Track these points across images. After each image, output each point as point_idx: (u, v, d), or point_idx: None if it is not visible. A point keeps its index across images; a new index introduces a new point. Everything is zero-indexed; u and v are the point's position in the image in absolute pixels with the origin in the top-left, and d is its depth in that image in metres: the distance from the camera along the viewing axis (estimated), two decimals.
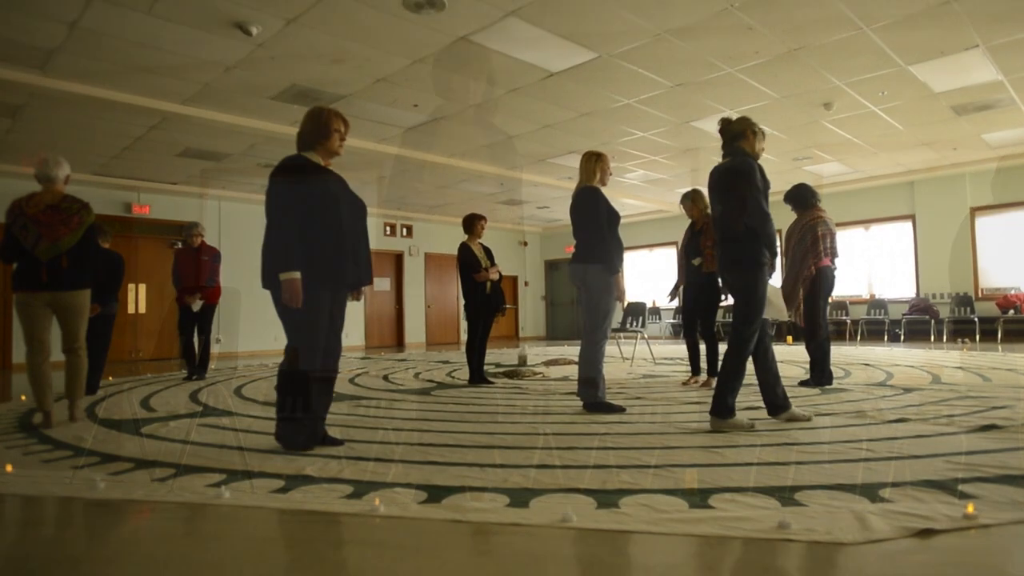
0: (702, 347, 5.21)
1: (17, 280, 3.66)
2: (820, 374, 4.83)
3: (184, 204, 10.61)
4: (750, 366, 3.36)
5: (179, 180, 10.00)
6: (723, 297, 5.10)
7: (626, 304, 5.02)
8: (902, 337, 10.67)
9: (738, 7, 4.89)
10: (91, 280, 3.88)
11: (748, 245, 3.24)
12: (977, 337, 9.97)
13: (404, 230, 14.09)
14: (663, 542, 1.73)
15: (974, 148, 9.37)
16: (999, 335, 9.82)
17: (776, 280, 3.95)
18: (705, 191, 5.35)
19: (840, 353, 8.08)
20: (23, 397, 5.10)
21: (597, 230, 3.86)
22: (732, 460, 2.56)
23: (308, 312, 2.81)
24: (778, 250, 3.27)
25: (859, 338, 11.16)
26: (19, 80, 5.78)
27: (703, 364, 5.18)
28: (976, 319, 10.06)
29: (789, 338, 10.37)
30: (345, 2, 4.70)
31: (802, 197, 4.96)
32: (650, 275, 14.85)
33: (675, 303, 5.71)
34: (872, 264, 11.80)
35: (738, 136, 3.41)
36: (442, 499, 2.12)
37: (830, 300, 5.75)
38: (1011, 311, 9.81)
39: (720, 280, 3.44)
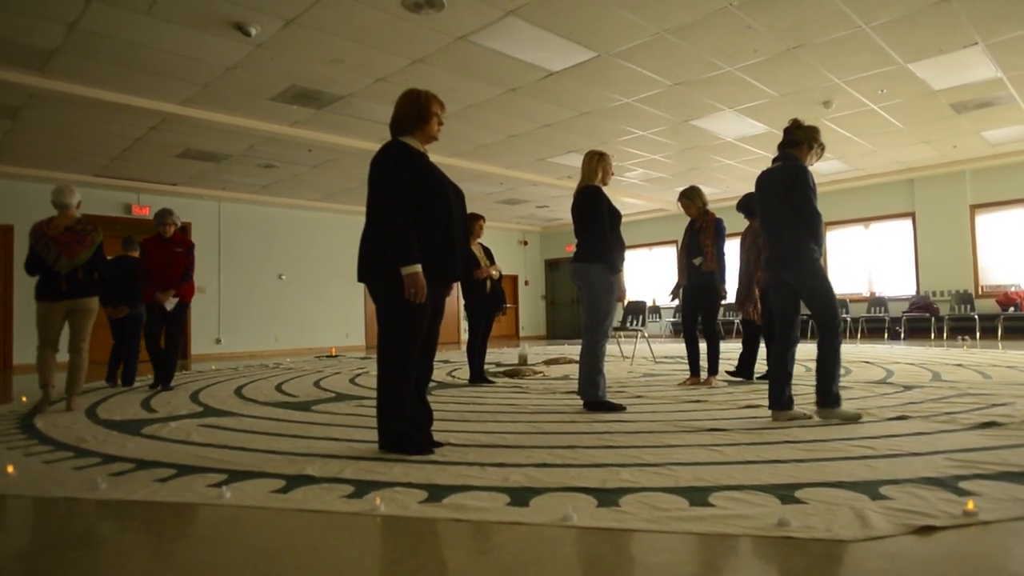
0: (703, 347, 5.20)
1: (40, 291, 4.35)
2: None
3: (184, 205, 10.59)
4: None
5: (179, 181, 10.00)
6: (724, 296, 5.11)
7: (626, 303, 5.00)
8: (902, 335, 10.68)
9: (737, 6, 4.89)
10: (99, 288, 4.59)
11: (801, 243, 3.29)
12: (977, 334, 9.97)
13: None
14: (663, 540, 1.73)
15: (974, 145, 9.37)
16: (999, 332, 9.82)
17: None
18: (703, 189, 5.38)
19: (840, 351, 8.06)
20: (23, 398, 5.10)
21: (599, 229, 3.85)
22: (732, 458, 2.56)
23: (416, 307, 2.64)
24: (824, 249, 3.30)
25: (859, 336, 11.15)
26: (18, 81, 5.79)
27: (703, 363, 5.17)
28: (976, 316, 10.06)
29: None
30: (344, 2, 4.70)
31: (753, 205, 5.01)
32: (650, 273, 14.86)
33: (676, 302, 5.69)
34: (872, 262, 11.80)
35: (796, 144, 3.43)
36: (443, 498, 2.12)
37: None
38: (1011, 308, 9.82)
39: (770, 278, 3.46)
